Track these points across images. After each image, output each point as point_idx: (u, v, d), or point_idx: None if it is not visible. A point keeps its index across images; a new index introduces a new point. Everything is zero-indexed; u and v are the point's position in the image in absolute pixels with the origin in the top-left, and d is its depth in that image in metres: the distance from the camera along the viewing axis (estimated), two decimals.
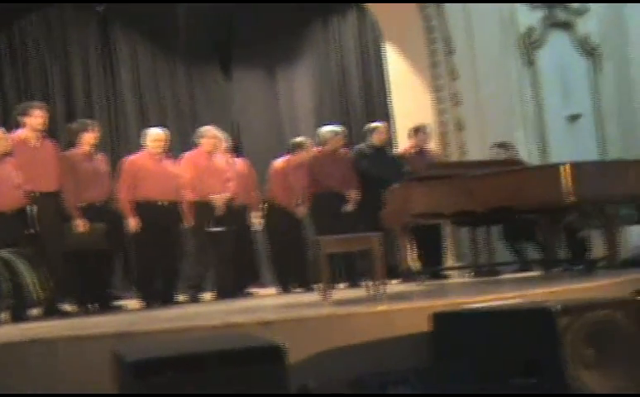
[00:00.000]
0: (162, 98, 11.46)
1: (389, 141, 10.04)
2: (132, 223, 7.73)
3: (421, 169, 8.31)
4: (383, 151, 9.24)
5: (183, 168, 8.26)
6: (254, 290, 8.90)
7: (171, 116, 11.32)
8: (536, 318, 4.00)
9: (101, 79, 10.94)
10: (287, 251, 8.99)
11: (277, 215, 8.86)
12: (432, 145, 9.97)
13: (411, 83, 10.92)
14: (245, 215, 8.84)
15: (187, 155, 8.48)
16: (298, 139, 9.42)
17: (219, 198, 8.19)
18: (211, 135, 8.48)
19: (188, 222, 8.12)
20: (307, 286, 8.59)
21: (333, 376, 4.06)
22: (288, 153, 9.32)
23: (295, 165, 9.08)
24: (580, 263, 7.62)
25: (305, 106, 12.10)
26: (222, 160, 8.56)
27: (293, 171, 9.05)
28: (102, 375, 3.83)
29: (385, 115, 11.28)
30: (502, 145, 9.09)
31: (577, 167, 6.74)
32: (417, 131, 9.57)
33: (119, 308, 7.58)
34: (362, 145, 9.33)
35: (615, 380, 3.83)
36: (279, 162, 9.18)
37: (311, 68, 12.30)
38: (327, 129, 9.29)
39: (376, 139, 9.21)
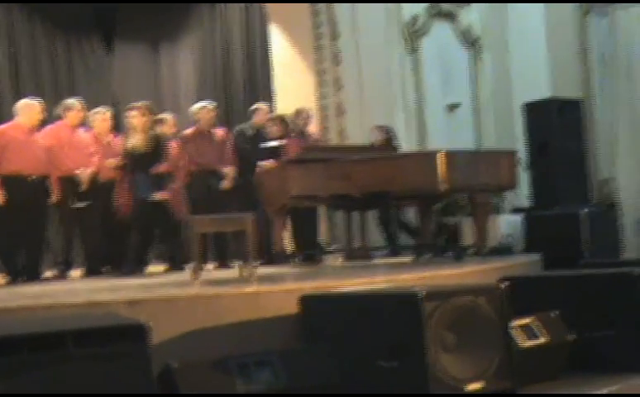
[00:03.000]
0: (39, 68, 11.11)
1: None
2: None
3: (299, 151, 8.32)
4: (264, 132, 9.20)
5: (43, 140, 7.96)
6: None
7: (48, 87, 10.99)
8: (402, 303, 4.06)
9: None
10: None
11: None
12: (313, 129, 10.00)
13: (295, 65, 10.95)
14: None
15: (48, 127, 8.20)
16: (163, 115, 9.19)
17: (83, 173, 7.98)
18: (78, 108, 8.23)
19: (55, 196, 7.89)
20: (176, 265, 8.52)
21: (198, 357, 4.01)
22: None
23: None
24: (450, 250, 7.78)
25: (187, 83, 11.94)
26: (85, 134, 8.34)
27: None
28: None
29: (268, 96, 11.26)
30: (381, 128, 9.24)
31: (451, 155, 6.88)
32: (299, 113, 9.58)
33: None
34: (244, 125, 9.32)
35: (473, 364, 3.92)
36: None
37: (195, 45, 12.14)
38: (196, 106, 9.23)
39: (257, 120, 9.19)
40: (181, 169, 8.55)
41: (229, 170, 8.80)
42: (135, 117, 8.05)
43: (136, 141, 7.97)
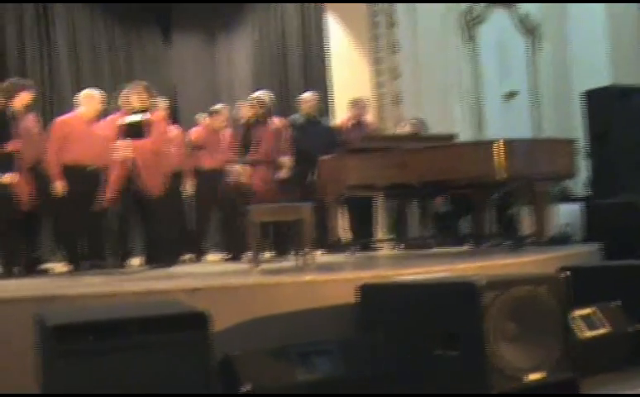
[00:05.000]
0: (99, 59, 11.26)
1: (323, 112, 10.04)
2: (59, 186, 7.52)
3: (356, 141, 8.32)
4: (315, 122, 9.23)
5: (102, 131, 8.01)
6: (187, 256, 8.84)
7: (108, 78, 11.13)
8: (461, 292, 4.03)
9: (35, 38, 10.69)
10: (208, 217, 9.03)
11: (202, 182, 8.79)
12: (370, 118, 10.00)
13: (351, 54, 10.94)
14: (180, 182, 8.77)
15: (107, 118, 8.28)
16: (216, 106, 9.29)
17: None
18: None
19: None
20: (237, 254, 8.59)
21: (257, 346, 4.05)
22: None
23: (210, 130, 9.02)
24: (509, 239, 7.72)
25: (243, 73, 12.01)
26: None
27: (207, 137, 8.99)
28: (24, 340, 3.78)
29: (324, 86, 11.27)
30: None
31: (509, 144, 6.81)
32: (356, 103, 9.58)
33: (45, 272, 7.46)
34: (295, 116, 9.37)
35: (533, 354, 3.89)
36: (194, 130, 9.11)
37: (251, 35, 12.20)
38: (252, 95, 9.29)
39: (303, 109, 9.25)
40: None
41: (286, 160, 8.83)
42: None
43: None
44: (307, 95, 9.52)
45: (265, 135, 8.19)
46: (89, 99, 7.94)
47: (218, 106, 9.25)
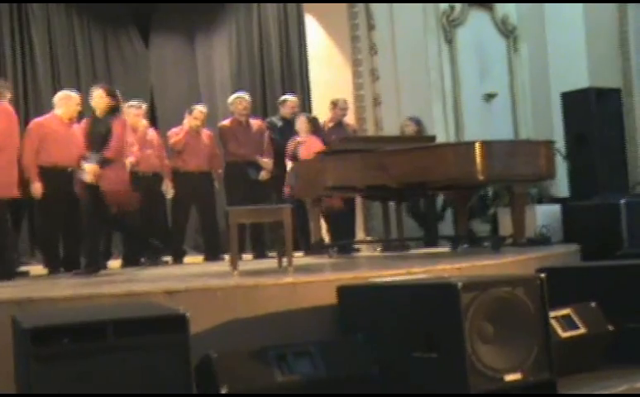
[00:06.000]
0: (76, 60, 11.20)
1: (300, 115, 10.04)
2: (36, 188, 7.47)
3: (336, 142, 8.33)
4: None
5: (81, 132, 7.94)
6: (168, 258, 8.83)
7: (85, 80, 11.08)
8: (439, 294, 4.04)
9: (12, 39, 10.61)
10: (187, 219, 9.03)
11: (182, 183, 8.76)
12: (350, 119, 10.01)
13: (331, 56, 10.92)
14: (160, 183, 8.74)
15: (86, 119, 8.21)
16: (193, 107, 9.18)
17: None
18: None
19: None
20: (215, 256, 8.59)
21: (237, 347, 4.04)
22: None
23: (189, 132, 8.92)
24: (487, 240, 7.74)
25: (223, 74, 11.99)
26: None
27: (187, 138, 8.88)
28: (2, 342, 3.76)
29: (304, 87, 11.27)
30: (413, 120, 9.21)
31: (488, 145, 6.83)
32: (336, 104, 9.60)
33: (23, 274, 7.41)
34: (274, 118, 9.39)
35: (511, 355, 3.90)
36: (173, 131, 9.05)
37: (231, 36, 12.17)
38: (232, 96, 9.28)
39: (285, 112, 9.25)
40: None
41: (267, 161, 8.83)
42: None
43: None
44: (290, 98, 9.52)
45: (116, 130, 7.17)
46: (66, 101, 7.91)
47: (194, 106, 9.17)
